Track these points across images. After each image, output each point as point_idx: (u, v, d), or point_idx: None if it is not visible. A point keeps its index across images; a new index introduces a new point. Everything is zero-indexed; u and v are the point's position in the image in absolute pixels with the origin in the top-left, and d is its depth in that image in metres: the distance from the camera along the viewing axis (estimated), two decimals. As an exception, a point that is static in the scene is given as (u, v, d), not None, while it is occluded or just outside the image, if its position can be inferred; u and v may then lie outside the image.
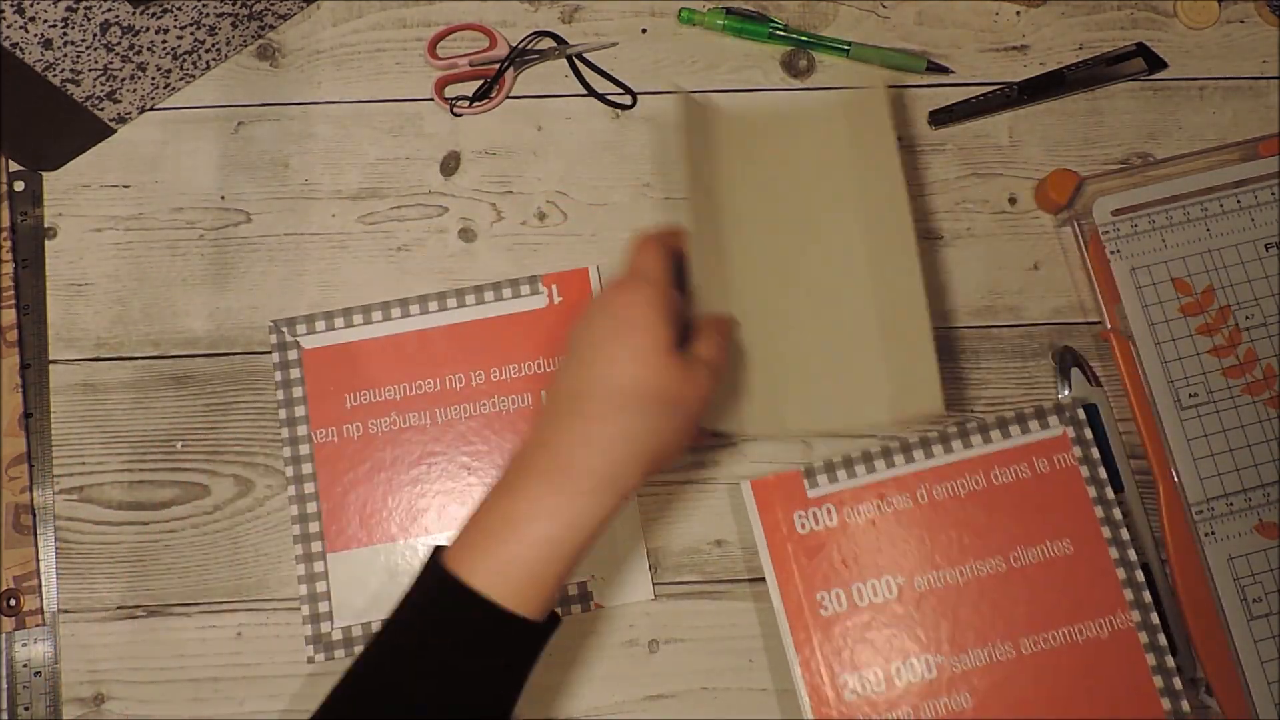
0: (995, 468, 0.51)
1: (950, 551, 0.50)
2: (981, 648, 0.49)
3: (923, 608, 0.49)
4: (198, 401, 0.53)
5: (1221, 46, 0.59)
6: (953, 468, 0.51)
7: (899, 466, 0.51)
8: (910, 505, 0.51)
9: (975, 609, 0.49)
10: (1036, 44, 0.59)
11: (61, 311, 0.54)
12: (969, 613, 0.49)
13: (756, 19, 0.58)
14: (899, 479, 0.51)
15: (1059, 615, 0.49)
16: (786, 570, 0.50)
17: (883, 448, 0.51)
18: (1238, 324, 0.54)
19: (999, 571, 0.50)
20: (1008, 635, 0.49)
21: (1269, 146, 0.56)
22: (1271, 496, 0.52)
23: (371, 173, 0.56)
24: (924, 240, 0.56)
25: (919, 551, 0.50)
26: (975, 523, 0.50)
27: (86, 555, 0.51)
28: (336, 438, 0.52)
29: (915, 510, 0.51)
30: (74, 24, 0.49)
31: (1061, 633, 0.49)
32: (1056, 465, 0.51)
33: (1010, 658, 0.49)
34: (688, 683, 0.51)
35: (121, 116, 0.55)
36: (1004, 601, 0.49)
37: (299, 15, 0.57)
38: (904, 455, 0.51)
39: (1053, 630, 0.49)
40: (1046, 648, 0.49)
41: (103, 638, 0.50)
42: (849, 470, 0.51)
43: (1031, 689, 0.48)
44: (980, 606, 0.49)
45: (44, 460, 0.52)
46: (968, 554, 0.50)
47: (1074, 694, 0.48)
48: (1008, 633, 0.49)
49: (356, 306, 0.54)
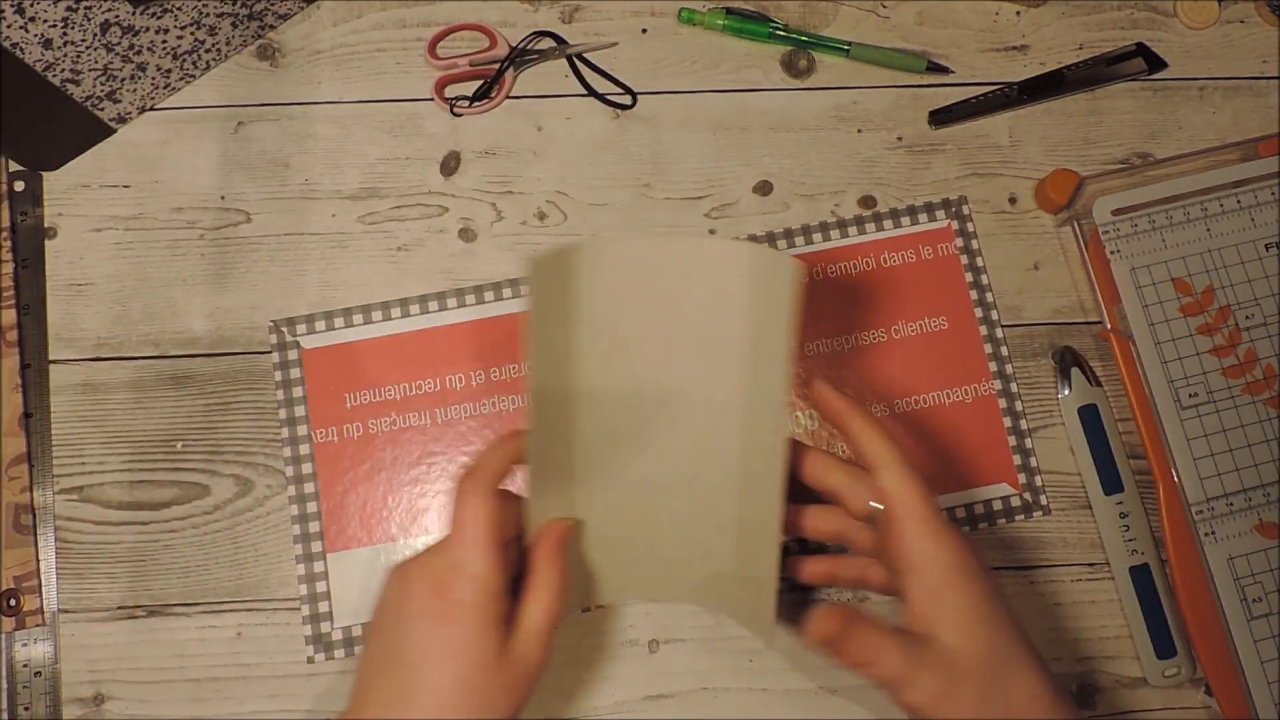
0: (885, 252, 0.56)
1: (839, 322, 0.55)
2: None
3: (808, 368, 0.54)
4: (198, 401, 0.53)
5: (1221, 46, 0.59)
6: (848, 250, 0.56)
7: (799, 248, 0.56)
8: (807, 281, 0.55)
9: (858, 372, 0.55)
10: (1036, 44, 0.59)
11: (61, 311, 0.54)
12: (852, 375, 0.55)
13: (756, 19, 0.58)
14: (799, 258, 0.53)
15: (932, 382, 0.55)
16: None
17: (784, 229, 0.56)
18: (1238, 324, 0.54)
19: (881, 342, 0.55)
20: (884, 396, 0.54)
21: (1269, 146, 0.56)
22: (1271, 496, 0.52)
23: (371, 173, 0.56)
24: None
25: (811, 321, 0.55)
26: (863, 299, 0.55)
27: (86, 555, 0.51)
28: (336, 438, 0.52)
29: (812, 285, 0.55)
30: (74, 24, 0.49)
31: (932, 396, 0.54)
32: (940, 253, 0.56)
33: (884, 415, 0.54)
34: (688, 683, 0.51)
35: (121, 116, 0.55)
36: (883, 367, 0.55)
37: (299, 15, 0.57)
38: (804, 237, 0.56)
39: (924, 394, 0.54)
40: (917, 408, 0.54)
41: (103, 638, 0.50)
42: None
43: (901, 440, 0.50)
44: (862, 371, 0.55)
45: (44, 460, 0.52)
46: (854, 325, 0.55)
47: (936, 447, 0.54)
48: (884, 394, 0.54)
49: (356, 306, 0.54)
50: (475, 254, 0.55)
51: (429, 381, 0.53)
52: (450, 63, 0.57)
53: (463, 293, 0.54)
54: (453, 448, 0.53)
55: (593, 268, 0.41)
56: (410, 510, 0.52)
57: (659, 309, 0.42)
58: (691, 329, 0.42)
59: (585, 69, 0.58)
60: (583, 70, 0.58)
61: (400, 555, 0.51)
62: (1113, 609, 0.52)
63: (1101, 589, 0.53)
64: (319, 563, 0.51)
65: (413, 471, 0.52)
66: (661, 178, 0.57)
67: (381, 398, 0.53)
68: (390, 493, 0.52)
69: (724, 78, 0.58)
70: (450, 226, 0.56)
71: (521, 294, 0.54)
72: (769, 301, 0.40)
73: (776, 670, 0.51)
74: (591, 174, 0.56)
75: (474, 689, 0.39)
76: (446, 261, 0.55)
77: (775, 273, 0.39)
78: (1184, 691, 0.52)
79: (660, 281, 0.42)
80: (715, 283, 0.41)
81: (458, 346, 0.54)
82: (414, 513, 0.52)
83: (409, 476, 0.52)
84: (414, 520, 0.52)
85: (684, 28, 0.58)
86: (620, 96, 0.57)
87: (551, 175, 0.56)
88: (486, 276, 0.55)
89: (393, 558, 0.51)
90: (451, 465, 0.52)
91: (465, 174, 0.56)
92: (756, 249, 0.41)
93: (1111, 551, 0.52)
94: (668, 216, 0.56)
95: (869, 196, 0.57)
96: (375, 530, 0.52)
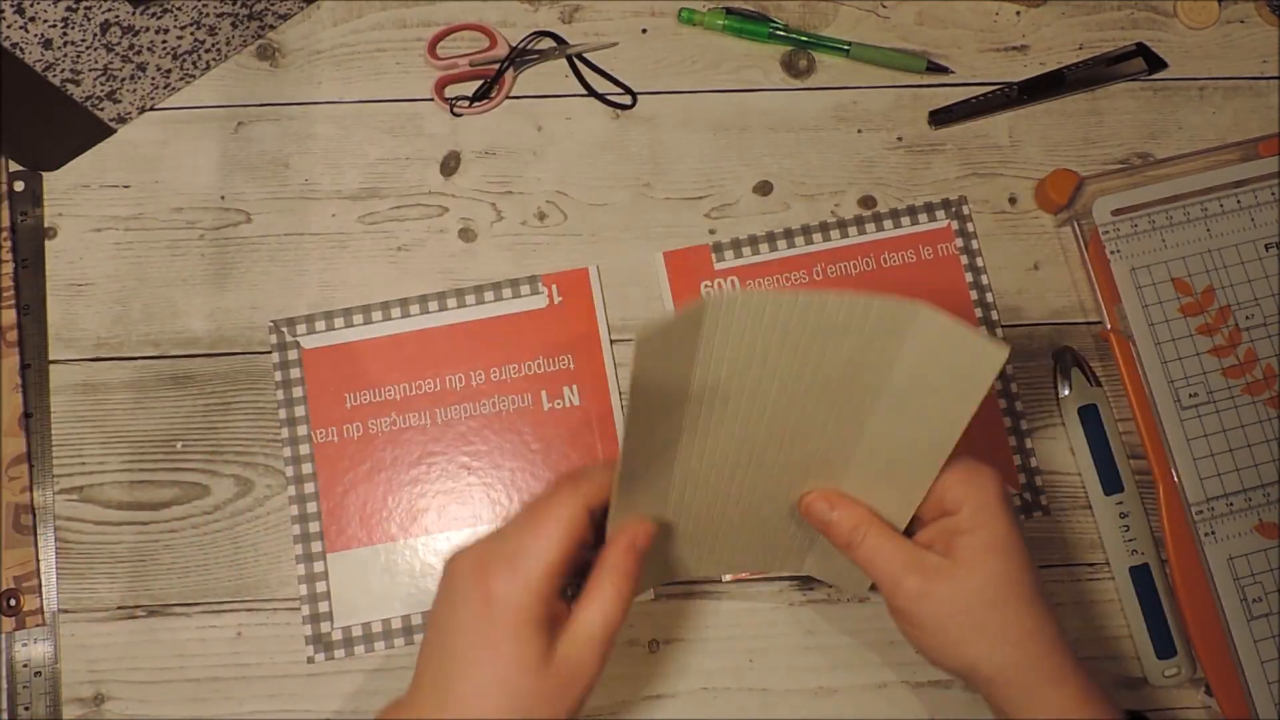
0: (885, 252, 0.56)
1: None
2: None
3: None
4: (198, 401, 0.53)
5: (1221, 46, 0.59)
6: (847, 250, 0.56)
7: (799, 247, 0.55)
8: (806, 281, 0.55)
9: None
10: (1036, 44, 0.59)
11: (61, 311, 0.54)
12: None
13: (756, 19, 0.58)
14: (799, 258, 0.55)
15: None
16: None
17: (784, 229, 0.55)
18: (1238, 324, 0.54)
19: None
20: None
21: (1269, 146, 0.56)
22: (1271, 496, 0.52)
23: (371, 173, 0.56)
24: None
25: None
26: None
27: (86, 555, 0.51)
28: (336, 438, 0.52)
29: (810, 285, 0.55)
30: (74, 24, 0.49)
31: None
32: (940, 253, 0.56)
33: None
34: (688, 683, 0.51)
35: (121, 116, 0.55)
36: None
37: (299, 15, 0.57)
38: (804, 237, 0.56)
39: None
40: None
41: (103, 638, 0.50)
42: (754, 248, 0.55)
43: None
44: None
45: (44, 460, 0.52)
46: None
47: None
48: None
49: (356, 306, 0.54)
50: (475, 254, 0.55)
51: (429, 381, 0.53)
52: (450, 63, 0.57)
53: (463, 293, 0.54)
54: (453, 448, 0.53)
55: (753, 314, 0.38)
56: (410, 510, 0.52)
57: (802, 359, 0.39)
58: (831, 378, 0.40)
59: (585, 69, 0.58)
60: (583, 70, 0.58)
61: (400, 555, 0.51)
62: (1113, 609, 0.52)
63: (1101, 589, 0.53)
64: (319, 563, 0.51)
65: (413, 471, 0.52)
66: (661, 178, 0.57)
67: (381, 398, 0.53)
68: (390, 493, 0.52)
69: (724, 78, 0.58)
70: (450, 226, 0.56)
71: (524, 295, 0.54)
72: (960, 377, 0.39)
73: (776, 670, 0.51)
74: (591, 174, 0.56)
75: (516, 690, 0.38)
76: (446, 261, 0.55)
77: (980, 357, 0.38)
78: (1184, 691, 0.52)
79: (816, 333, 0.39)
80: (880, 341, 0.39)
81: (458, 346, 0.54)
82: (414, 513, 0.52)
83: (409, 476, 0.52)
84: (414, 520, 0.52)
85: (684, 28, 0.58)
86: (620, 96, 0.57)
87: (551, 175, 0.56)
88: (486, 276, 0.55)
89: (393, 558, 0.51)
90: (451, 465, 0.52)
91: (465, 174, 0.56)
92: (969, 330, 0.38)
93: (1111, 551, 0.52)
94: (668, 216, 0.56)
95: (869, 196, 0.57)
96: (375, 530, 0.51)
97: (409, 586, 0.51)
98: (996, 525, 0.41)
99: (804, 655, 0.51)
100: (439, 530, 0.52)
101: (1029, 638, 0.41)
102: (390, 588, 0.51)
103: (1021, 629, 0.41)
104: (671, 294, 0.55)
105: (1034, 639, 0.41)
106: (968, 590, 0.40)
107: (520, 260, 0.55)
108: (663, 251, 0.55)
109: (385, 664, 0.50)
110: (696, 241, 0.55)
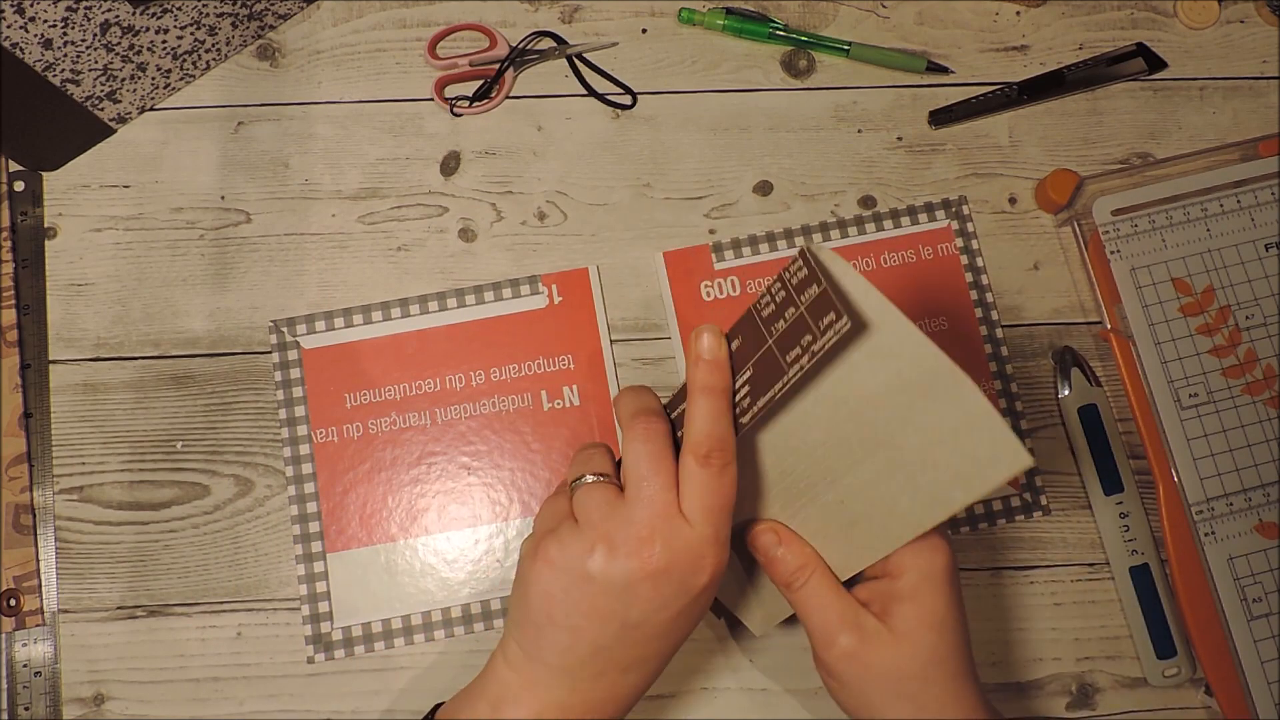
0: (885, 252, 0.56)
1: None
2: None
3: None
4: (198, 401, 0.53)
5: (1221, 46, 0.59)
6: (847, 250, 0.56)
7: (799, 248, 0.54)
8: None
9: None
10: (1036, 44, 0.59)
11: (61, 311, 0.54)
12: None
13: (756, 19, 0.58)
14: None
15: None
16: (688, 331, 0.52)
17: (785, 229, 0.55)
18: (1238, 324, 0.54)
19: None
20: None
21: (1269, 146, 0.56)
22: (1271, 496, 0.52)
23: (371, 173, 0.56)
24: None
25: None
26: None
27: (86, 555, 0.51)
28: (336, 438, 0.52)
29: None
30: (74, 24, 0.49)
31: None
32: (940, 253, 0.56)
33: None
34: (687, 683, 0.51)
35: (121, 116, 0.55)
36: None
37: (299, 15, 0.57)
38: (804, 237, 0.56)
39: None
40: None
41: (103, 638, 0.50)
42: (753, 248, 0.55)
43: None
44: None
45: (44, 460, 0.52)
46: None
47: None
48: None
49: (356, 306, 0.54)
50: (475, 254, 0.55)
51: (429, 381, 0.53)
52: (450, 63, 0.57)
53: (463, 293, 0.54)
54: (453, 448, 0.53)
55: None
56: (410, 510, 0.52)
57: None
58: (841, 414, 0.38)
59: (585, 69, 0.58)
60: (583, 70, 0.58)
61: (400, 555, 0.51)
62: (1113, 609, 0.52)
63: (1101, 589, 0.53)
64: (319, 563, 0.51)
65: (413, 471, 0.52)
66: (661, 178, 0.57)
67: (381, 398, 0.53)
68: (390, 493, 0.52)
69: (724, 78, 0.58)
70: (450, 226, 0.56)
71: (524, 295, 0.54)
72: (972, 464, 0.36)
73: (776, 670, 0.51)
74: (591, 174, 0.56)
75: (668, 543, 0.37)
76: (446, 261, 0.55)
77: (1003, 453, 0.35)
78: (1184, 691, 0.52)
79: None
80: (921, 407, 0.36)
81: (458, 346, 0.54)
82: (414, 513, 0.52)
83: (409, 476, 0.52)
84: (414, 520, 0.52)
85: (684, 28, 0.58)
86: (620, 96, 0.57)
87: (551, 175, 0.56)
88: (486, 276, 0.55)
89: (393, 558, 0.51)
90: (451, 465, 0.52)
91: (465, 174, 0.56)
92: (1003, 424, 0.34)
93: (1111, 551, 0.52)
94: (668, 216, 0.56)
95: (869, 196, 0.57)
96: (375, 530, 0.51)
97: (409, 586, 0.51)
98: (937, 599, 0.40)
99: (804, 655, 0.51)
100: (439, 530, 0.52)
101: (949, 712, 0.40)
102: (390, 588, 0.51)
103: (941, 704, 0.40)
104: (671, 294, 0.55)
105: (954, 713, 0.41)
106: (899, 660, 0.40)
107: (520, 260, 0.55)
108: (663, 251, 0.55)
109: (385, 664, 0.50)
110: (696, 241, 0.56)
